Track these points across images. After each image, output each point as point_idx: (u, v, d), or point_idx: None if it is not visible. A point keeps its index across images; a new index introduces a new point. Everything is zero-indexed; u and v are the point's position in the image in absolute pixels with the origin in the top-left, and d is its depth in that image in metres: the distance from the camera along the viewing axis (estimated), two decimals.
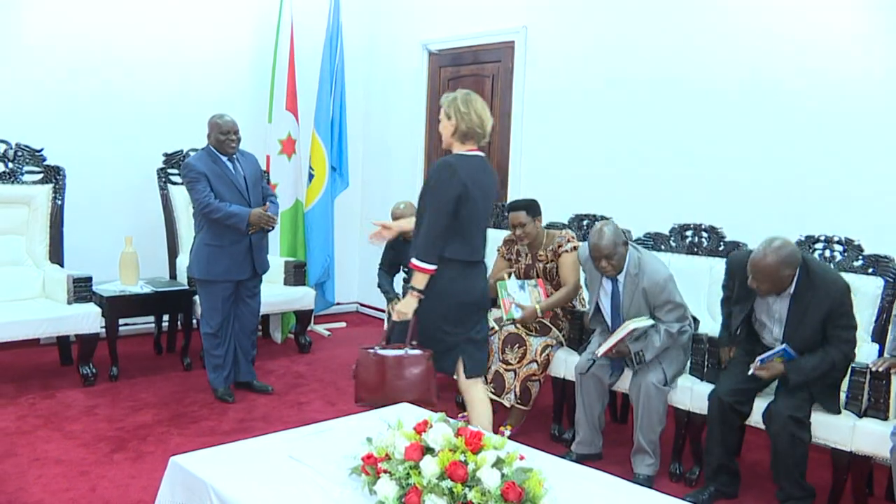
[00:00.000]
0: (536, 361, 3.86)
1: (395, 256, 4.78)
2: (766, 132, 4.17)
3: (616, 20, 4.91)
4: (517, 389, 3.86)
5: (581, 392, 3.73)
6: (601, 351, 3.53)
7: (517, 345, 3.90)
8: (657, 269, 3.53)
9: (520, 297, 3.94)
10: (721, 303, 3.55)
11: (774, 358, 3.13)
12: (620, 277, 3.56)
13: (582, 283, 3.97)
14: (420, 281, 3.10)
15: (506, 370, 3.90)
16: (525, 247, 4.09)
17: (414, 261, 3.10)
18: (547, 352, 3.91)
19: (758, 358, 3.16)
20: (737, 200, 4.25)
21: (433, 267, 3.07)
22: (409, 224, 3.48)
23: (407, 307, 3.14)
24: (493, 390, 3.90)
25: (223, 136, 4.25)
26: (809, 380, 3.08)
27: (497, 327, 4.01)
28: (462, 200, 3.05)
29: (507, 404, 3.87)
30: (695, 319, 3.74)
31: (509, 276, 4.07)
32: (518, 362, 3.88)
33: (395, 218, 4.41)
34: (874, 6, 3.89)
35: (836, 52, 3.94)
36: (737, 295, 3.34)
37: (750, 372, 3.16)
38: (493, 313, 3.96)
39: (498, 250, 4.26)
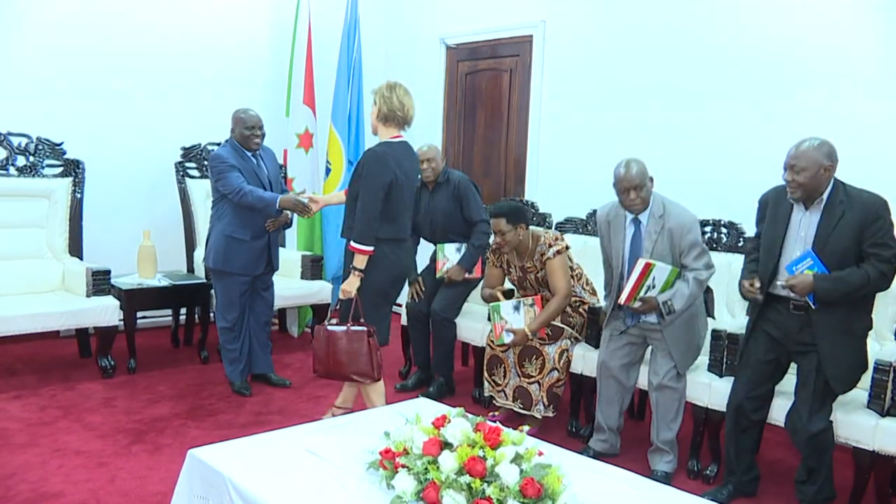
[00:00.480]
0: (557, 369, 3.83)
1: None
2: (790, 128, 4.11)
3: (635, 15, 4.87)
4: (545, 399, 3.84)
5: (601, 393, 3.70)
6: (623, 298, 3.39)
7: (534, 356, 3.86)
8: (683, 211, 3.43)
9: (513, 320, 3.83)
10: (751, 240, 3.38)
11: (804, 268, 2.93)
12: (643, 219, 3.44)
13: (601, 246, 3.73)
14: (361, 261, 3.39)
15: (529, 383, 3.88)
16: (514, 256, 4.00)
17: (353, 244, 3.39)
18: (564, 356, 3.87)
19: (785, 266, 3.02)
20: (757, 196, 4.20)
21: (371, 249, 3.37)
22: (337, 198, 4.02)
23: (351, 286, 3.42)
24: (521, 406, 3.90)
25: (248, 132, 4.23)
26: (840, 294, 2.90)
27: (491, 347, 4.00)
28: (392, 187, 3.36)
29: (539, 416, 3.85)
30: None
31: (504, 293, 4.03)
32: (539, 373, 3.85)
33: (425, 158, 4.38)
34: None
35: (858, 50, 3.90)
36: (767, 222, 3.18)
37: (780, 283, 3.01)
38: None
39: (487, 259, 4.19)
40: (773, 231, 3.11)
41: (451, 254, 4.41)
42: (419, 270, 4.70)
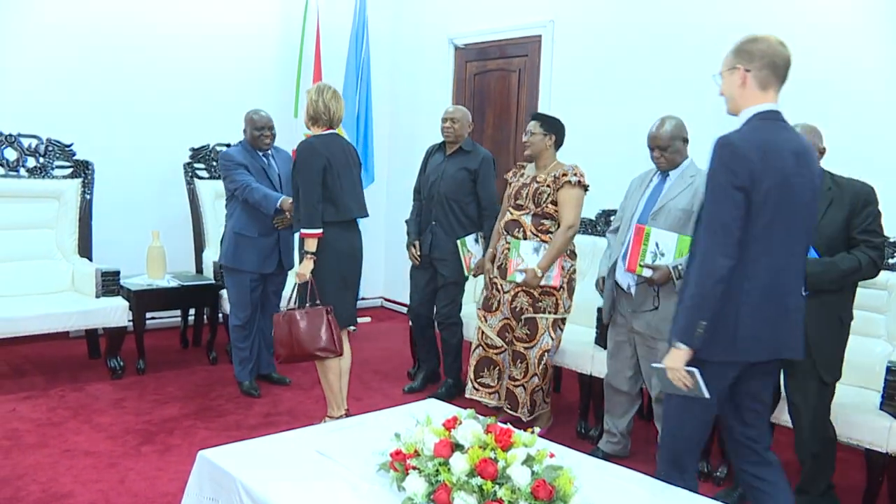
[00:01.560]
0: (536, 374, 3.81)
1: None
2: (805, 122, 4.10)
3: (643, 14, 4.86)
4: (528, 403, 3.85)
5: (610, 406, 3.69)
6: (626, 266, 3.34)
7: (519, 360, 3.85)
8: None
9: (530, 260, 3.72)
10: None
11: None
12: (672, 175, 3.39)
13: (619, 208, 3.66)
14: (311, 245, 3.59)
15: (515, 386, 3.87)
16: (531, 168, 3.90)
17: (303, 230, 3.58)
18: (543, 360, 3.82)
19: None
20: None
21: (319, 231, 3.57)
22: None
23: (305, 269, 3.61)
24: (508, 406, 3.90)
25: (258, 132, 4.29)
26: (830, 280, 2.87)
27: (504, 344, 3.96)
28: (326, 171, 3.57)
29: (525, 419, 3.84)
30: None
31: (522, 235, 3.82)
32: (523, 377, 3.84)
33: (448, 116, 4.36)
34: None
35: (864, 43, 3.88)
36: None
37: None
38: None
39: (506, 178, 4.06)
40: None
41: (473, 247, 4.34)
42: (415, 270, 4.63)
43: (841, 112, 3.87)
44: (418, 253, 4.49)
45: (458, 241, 4.32)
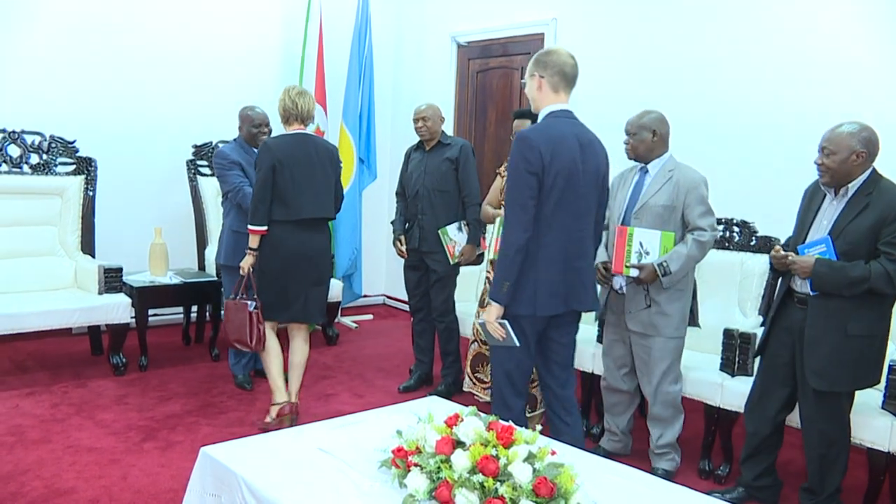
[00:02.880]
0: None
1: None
2: (805, 127, 4.09)
3: (646, 12, 4.85)
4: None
5: (609, 405, 3.70)
6: (613, 267, 3.38)
7: None
8: (693, 171, 3.37)
9: (459, 238, 3.82)
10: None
11: (815, 253, 2.86)
12: (651, 170, 3.40)
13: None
14: (253, 241, 3.71)
15: None
16: None
17: (248, 226, 3.70)
18: None
19: (799, 247, 2.94)
20: (769, 194, 4.18)
21: (263, 228, 3.66)
22: None
23: (245, 263, 3.76)
24: None
25: (255, 129, 4.31)
26: (836, 284, 2.80)
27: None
28: (275, 171, 3.62)
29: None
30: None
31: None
32: None
33: (419, 116, 4.42)
34: None
35: (876, 46, 3.87)
36: (801, 211, 3.09)
37: (783, 253, 2.94)
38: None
39: (497, 172, 4.08)
40: (805, 219, 3.05)
41: (455, 235, 4.31)
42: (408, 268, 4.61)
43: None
44: (405, 248, 4.50)
45: (440, 232, 4.31)
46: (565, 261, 2.82)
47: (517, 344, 2.84)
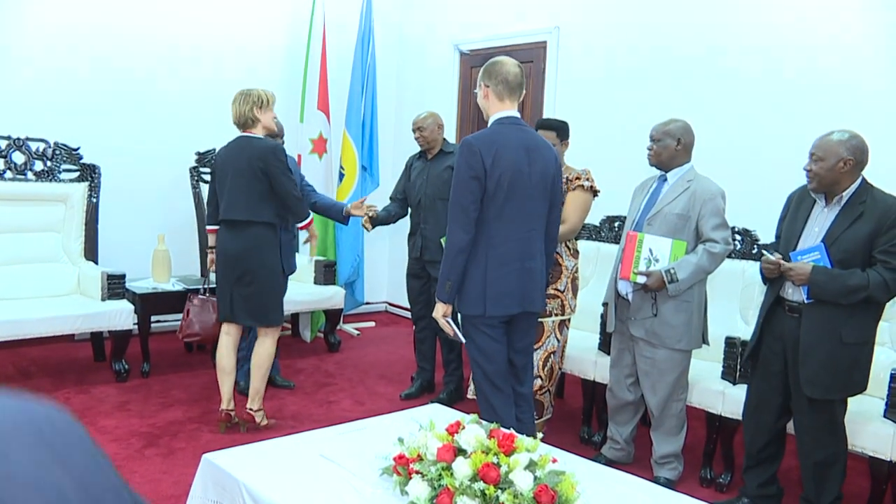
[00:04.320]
0: (541, 377, 3.77)
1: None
2: (806, 133, 4.10)
3: (648, 20, 4.87)
4: None
5: (613, 413, 3.69)
6: (620, 272, 3.38)
7: None
8: (712, 183, 3.35)
9: None
10: (772, 244, 3.26)
11: (810, 260, 2.86)
12: (671, 179, 3.39)
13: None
14: (210, 240, 4.02)
15: None
16: None
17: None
18: (549, 363, 3.80)
19: (791, 253, 2.94)
20: (771, 202, 4.17)
21: (213, 227, 3.95)
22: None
23: (209, 262, 4.07)
24: None
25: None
26: (833, 292, 2.79)
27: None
28: (213, 175, 3.93)
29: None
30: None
31: None
32: None
33: (416, 126, 4.48)
34: None
35: (876, 51, 3.88)
36: (789, 218, 3.10)
37: (776, 259, 2.93)
38: None
39: None
40: (793, 226, 3.05)
41: None
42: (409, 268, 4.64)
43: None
44: (373, 213, 4.45)
45: (441, 240, 4.28)
46: (516, 261, 2.91)
47: (462, 340, 3.03)
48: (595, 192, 3.79)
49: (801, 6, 4.16)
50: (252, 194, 3.72)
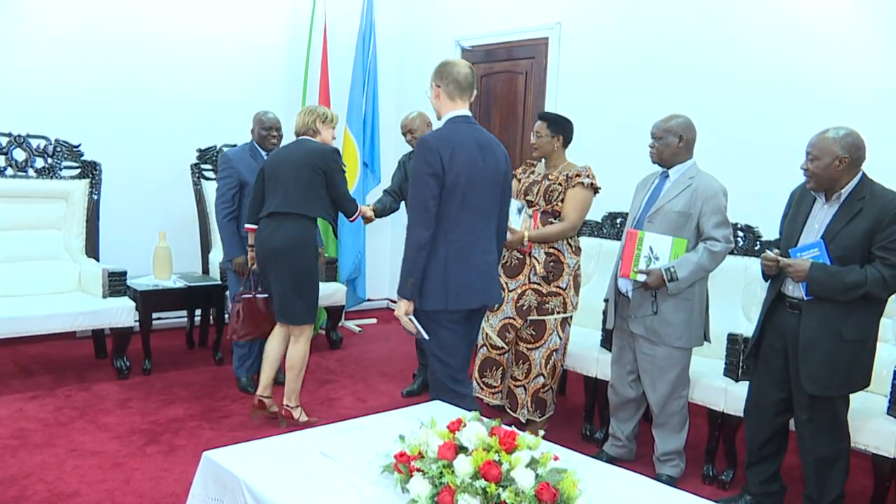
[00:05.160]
0: (543, 374, 3.78)
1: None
2: (808, 130, 4.08)
3: (650, 16, 4.86)
4: (529, 404, 3.81)
5: (615, 409, 3.68)
6: (620, 270, 3.38)
7: (521, 360, 3.81)
8: (714, 180, 3.33)
9: (513, 220, 3.68)
10: (779, 235, 3.23)
11: (809, 257, 2.85)
12: (672, 175, 3.38)
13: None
14: (249, 238, 4.09)
15: (515, 386, 3.85)
16: (542, 166, 3.88)
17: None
18: (552, 361, 3.80)
19: (791, 250, 2.93)
20: (774, 199, 4.15)
21: (252, 226, 4.00)
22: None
23: (250, 260, 4.12)
24: (509, 406, 3.89)
25: (265, 132, 4.36)
26: (832, 289, 2.79)
27: (504, 345, 3.92)
28: (261, 173, 3.97)
29: (523, 419, 3.82)
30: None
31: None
32: (525, 377, 3.81)
33: (406, 129, 4.52)
34: None
35: (875, 49, 3.87)
36: (790, 215, 3.09)
37: (775, 255, 2.93)
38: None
39: (514, 174, 3.98)
40: (794, 223, 3.04)
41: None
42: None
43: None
44: (371, 214, 4.48)
45: None
46: (474, 256, 2.99)
47: (426, 338, 3.03)
48: (596, 190, 3.76)
49: (807, 6, 4.14)
50: (309, 190, 3.81)
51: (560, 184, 3.73)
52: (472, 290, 2.99)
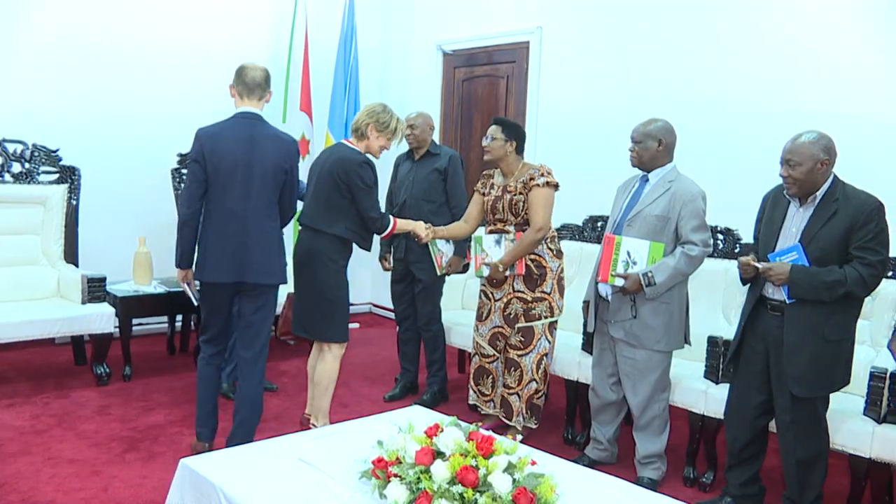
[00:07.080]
0: (535, 380, 3.79)
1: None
2: (788, 133, 4.12)
3: (631, 21, 4.88)
4: (524, 411, 3.83)
5: (596, 412, 3.69)
6: (599, 276, 3.39)
7: (513, 367, 3.82)
8: (693, 184, 3.35)
9: (494, 253, 3.72)
10: (751, 245, 3.28)
11: (788, 261, 2.87)
12: (652, 179, 3.39)
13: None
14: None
15: (509, 394, 3.85)
16: (499, 176, 3.88)
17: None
18: (542, 365, 3.82)
19: (770, 255, 2.95)
20: (753, 202, 4.19)
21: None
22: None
23: None
24: (503, 415, 3.90)
25: None
26: (812, 289, 2.81)
27: (495, 352, 3.94)
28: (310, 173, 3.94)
29: (519, 427, 3.83)
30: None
31: (487, 230, 3.87)
32: (518, 384, 3.82)
33: (408, 124, 4.41)
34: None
35: (859, 52, 3.90)
36: (765, 220, 3.11)
37: (760, 266, 2.93)
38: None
39: (475, 188, 4.03)
40: (770, 227, 3.06)
41: (443, 246, 4.21)
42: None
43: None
44: (390, 264, 4.56)
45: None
46: (231, 236, 3.31)
47: (195, 303, 3.62)
48: (555, 186, 3.76)
49: (796, 12, 4.17)
50: (330, 204, 3.57)
51: (520, 192, 3.74)
52: (224, 266, 3.32)
